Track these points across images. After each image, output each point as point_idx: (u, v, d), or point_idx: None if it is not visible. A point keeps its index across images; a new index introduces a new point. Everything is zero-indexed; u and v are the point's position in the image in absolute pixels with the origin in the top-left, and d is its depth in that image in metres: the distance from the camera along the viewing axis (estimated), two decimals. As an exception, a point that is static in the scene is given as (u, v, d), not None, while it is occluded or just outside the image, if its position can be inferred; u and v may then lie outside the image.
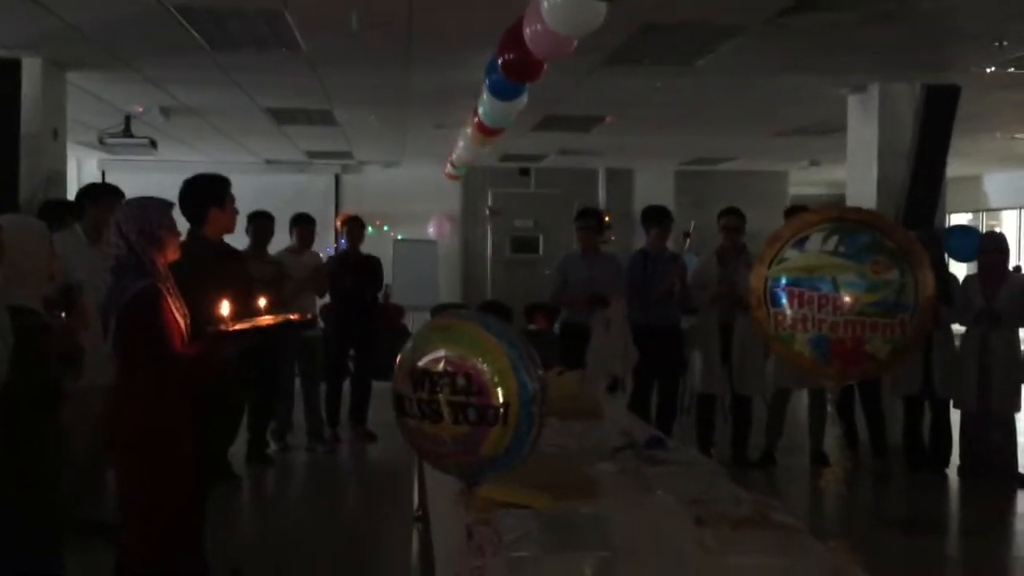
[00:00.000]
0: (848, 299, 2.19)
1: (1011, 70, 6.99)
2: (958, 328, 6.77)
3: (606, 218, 8.63)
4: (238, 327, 3.49)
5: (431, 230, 14.15)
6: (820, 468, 6.63)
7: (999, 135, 10.44)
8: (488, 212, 14.52)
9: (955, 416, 6.88)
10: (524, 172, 14.39)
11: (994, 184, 15.03)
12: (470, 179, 13.80)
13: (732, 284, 6.60)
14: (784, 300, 2.29)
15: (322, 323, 7.27)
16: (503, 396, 1.96)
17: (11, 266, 2.76)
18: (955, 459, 6.86)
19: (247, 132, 10.81)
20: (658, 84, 7.70)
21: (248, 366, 5.09)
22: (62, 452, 3.15)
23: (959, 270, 8.08)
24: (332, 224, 12.44)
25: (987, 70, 7.01)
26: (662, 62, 6.92)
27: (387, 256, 11.15)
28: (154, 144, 9.35)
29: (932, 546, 5.44)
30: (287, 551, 5.16)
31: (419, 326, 2.35)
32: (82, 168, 12.97)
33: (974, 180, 14.98)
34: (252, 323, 3.56)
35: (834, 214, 2.31)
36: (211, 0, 5.48)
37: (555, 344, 6.97)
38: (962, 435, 6.80)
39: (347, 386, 7.82)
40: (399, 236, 13.83)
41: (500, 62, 5.10)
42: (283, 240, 7.32)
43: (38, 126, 6.92)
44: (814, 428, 6.91)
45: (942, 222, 8.04)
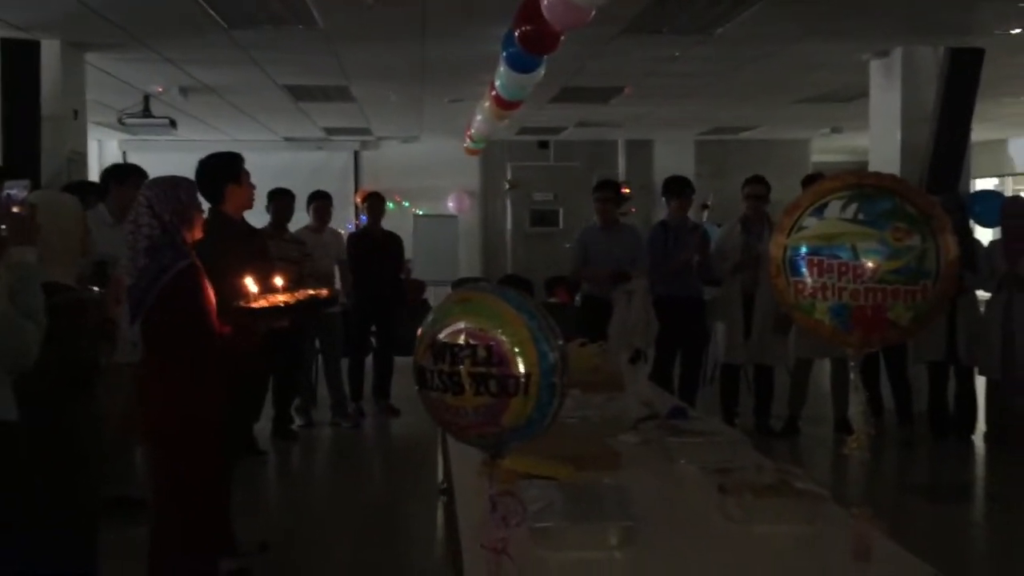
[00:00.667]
0: (869, 266, 2.17)
1: (1036, 32, 6.89)
2: (983, 294, 6.71)
3: (625, 189, 8.58)
4: (266, 304, 3.52)
5: (450, 205, 14.14)
6: (844, 436, 6.67)
7: (1024, 98, 10.30)
8: (507, 186, 14.49)
9: (980, 382, 6.84)
10: (543, 145, 14.33)
11: (1019, 148, 14.83)
12: (489, 153, 13.76)
13: (756, 254, 6.57)
14: (804, 269, 2.27)
15: (343, 299, 7.28)
16: (524, 367, 1.97)
17: (45, 244, 2.78)
18: (980, 426, 6.83)
19: (265, 110, 10.83)
20: (676, 53, 7.63)
21: (273, 343, 5.12)
22: (98, 431, 3.19)
23: (983, 235, 7.99)
24: (352, 201, 12.47)
25: (1012, 32, 6.89)
26: (681, 31, 6.85)
27: (407, 231, 11.16)
28: (173, 124, 9.39)
29: (957, 513, 5.42)
30: (313, 525, 5.22)
31: (440, 301, 2.36)
32: (103, 149, 13.04)
33: (999, 144, 14.78)
34: (281, 300, 3.59)
35: (852, 180, 2.29)
36: (227, -22, 5.49)
37: (576, 317, 6.97)
38: (987, 401, 6.77)
39: (370, 362, 7.87)
40: (419, 211, 13.84)
41: (517, 34, 5.07)
42: (303, 217, 7.34)
43: (58, 107, 6.96)
44: (837, 397, 6.90)
45: (966, 187, 7.95)
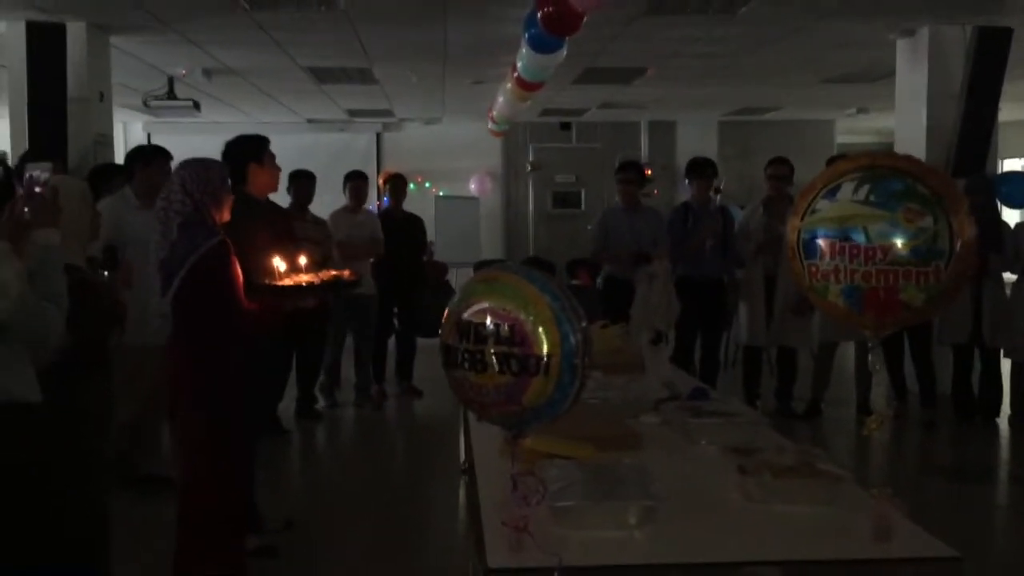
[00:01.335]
0: (880, 248, 2.17)
1: (1066, 10, 6.78)
2: (1009, 276, 6.65)
3: (647, 171, 8.55)
4: (290, 282, 3.56)
5: (472, 186, 14.14)
6: (865, 419, 6.64)
7: (1054, 78, 10.14)
8: (529, 167, 14.47)
9: (1006, 365, 6.79)
10: (565, 126, 14.29)
11: (1048, 129, 14.62)
12: (511, 135, 13.74)
13: (779, 235, 6.53)
14: (817, 251, 2.28)
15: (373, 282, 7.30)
16: (545, 347, 1.99)
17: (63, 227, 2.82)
18: (1005, 408, 6.79)
19: (288, 92, 10.86)
20: (700, 34, 7.57)
21: (297, 322, 5.17)
22: (110, 411, 3.23)
23: (1010, 217, 7.90)
24: (375, 182, 12.46)
25: (1041, 10, 6.79)
26: (704, 10, 6.80)
27: (429, 213, 11.17)
28: (197, 106, 9.44)
29: (981, 494, 5.41)
30: (337, 503, 5.28)
31: (462, 282, 2.38)
32: (128, 131, 13.14)
33: (1027, 125, 14.58)
34: (304, 279, 3.63)
35: (866, 162, 2.28)
36: (249, -41, 5.49)
37: (598, 299, 6.97)
38: (1012, 384, 6.73)
39: (392, 343, 7.91)
40: (441, 193, 13.85)
41: (539, 15, 5.06)
42: (325, 198, 7.34)
43: (84, 90, 7.01)
44: (860, 380, 6.87)
45: (993, 168, 7.86)
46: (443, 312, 2.21)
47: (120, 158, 7.42)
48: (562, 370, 2.00)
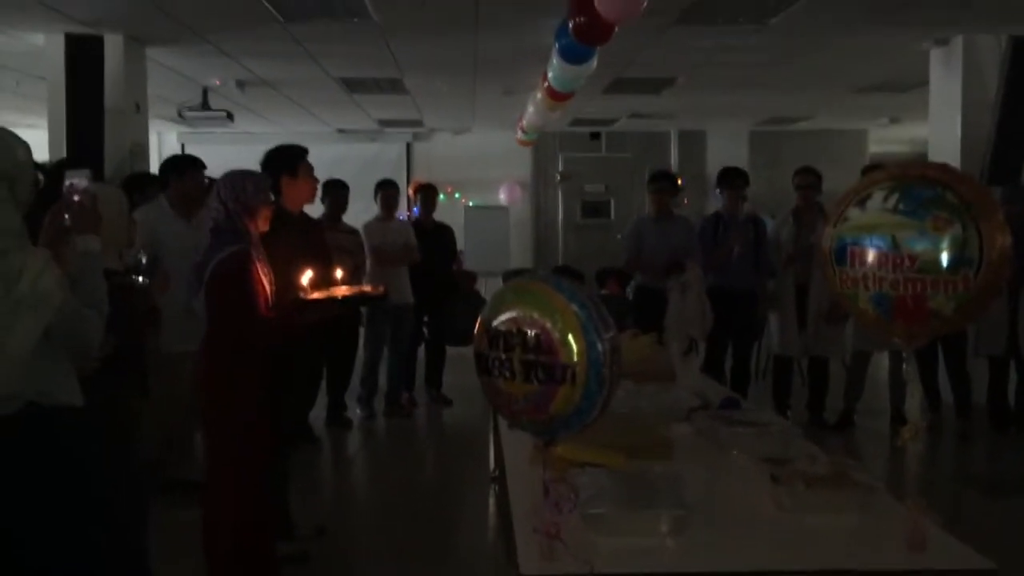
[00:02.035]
0: (908, 256, 2.17)
1: (1103, 18, 6.70)
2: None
3: (679, 180, 8.53)
4: (315, 296, 3.61)
5: (502, 196, 14.18)
6: (899, 429, 6.58)
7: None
8: (559, 177, 14.49)
9: (1042, 377, 6.71)
10: (595, 136, 14.30)
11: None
12: (540, 144, 13.77)
13: (809, 245, 6.50)
14: (847, 258, 2.30)
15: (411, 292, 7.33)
16: (571, 356, 1.99)
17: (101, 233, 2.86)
18: (1041, 421, 6.70)
19: (320, 102, 10.96)
20: (730, 44, 7.56)
21: (328, 332, 5.21)
22: (143, 418, 3.27)
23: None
24: (405, 192, 12.52)
25: (1078, 19, 6.72)
26: (735, 20, 6.79)
27: (459, 223, 11.21)
28: (231, 116, 9.55)
29: (1015, 507, 5.32)
30: (368, 510, 5.30)
31: (492, 292, 2.39)
32: (163, 141, 13.32)
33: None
34: (328, 293, 3.68)
35: (897, 172, 2.29)
36: (283, -28, 5.56)
37: (628, 308, 6.96)
38: (1049, 397, 6.64)
39: (422, 351, 7.94)
40: (471, 203, 13.90)
41: (571, 25, 5.07)
42: (356, 208, 7.38)
43: (121, 101, 7.13)
44: (894, 390, 6.80)
45: (1029, 178, 7.77)
46: (472, 321, 2.23)
47: (155, 168, 7.52)
48: (589, 379, 2.00)
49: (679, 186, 7.74)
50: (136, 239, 3.78)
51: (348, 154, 12.81)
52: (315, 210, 5.64)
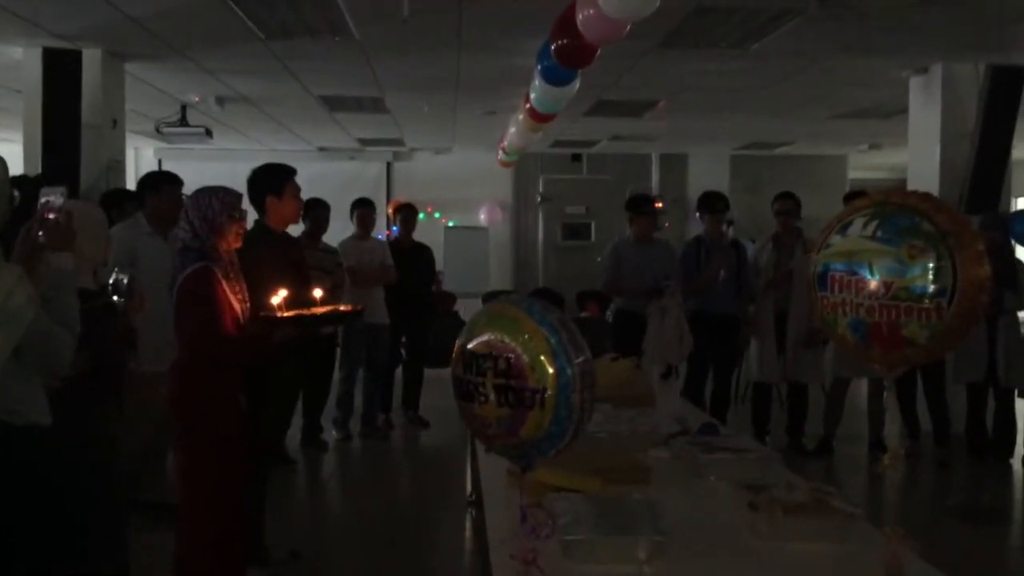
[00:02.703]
0: (883, 283, 2.19)
1: (1080, 49, 6.78)
2: (1024, 315, 6.61)
3: (658, 204, 8.54)
4: (287, 315, 3.56)
5: (482, 217, 14.17)
6: (878, 456, 6.57)
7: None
8: (539, 198, 14.50)
9: (1021, 405, 6.72)
10: (576, 158, 14.33)
11: (1061, 167, 14.59)
12: (521, 165, 13.78)
13: (788, 270, 6.51)
14: (827, 284, 2.33)
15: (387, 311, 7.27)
16: (540, 380, 1.97)
17: (76, 251, 2.82)
18: (1020, 449, 6.70)
19: (300, 120, 10.92)
20: (712, 68, 7.60)
21: (302, 353, 5.15)
22: (119, 435, 3.22)
23: (1024, 255, 7.87)
24: (384, 211, 12.49)
25: (1054, 49, 6.79)
26: (716, 45, 6.82)
27: (438, 243, 11.18)
28: (209, 133, 9.50)
29: (993, 535, 5.33)
30: (343, 534, 5.23)
31: (470, 313, 2.37)
32: (140, 157, 13.21)
33: (1040, 163, 14.56)
34: (300, 311, 3.64)
35: (879, 198, 2.32)
36: (265, -11, 5.54)
37: (607, 331, 6.94)
38: (1027, 424, 6.66)
39: (399, 373, 7.88)
40: (450, 223, 13.87)
41: (553, 48, 5.07)
42: (336, 227, 7.34)
43: (98, 116, 7.05)
44: (873, 417, 6.80)
45: (1007, 206, 7.84)
46: (450, 342, 2.21)
47: (131, 184, 7.46)
48: (558, 404, 1.98)
49: (657, 209, 7.74)
50: (110, 257, 3.73)
51: (328, 172, 12.76)
52: (295, 228, 5.61)
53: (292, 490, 6.19)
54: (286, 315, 3.56)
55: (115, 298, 3.47)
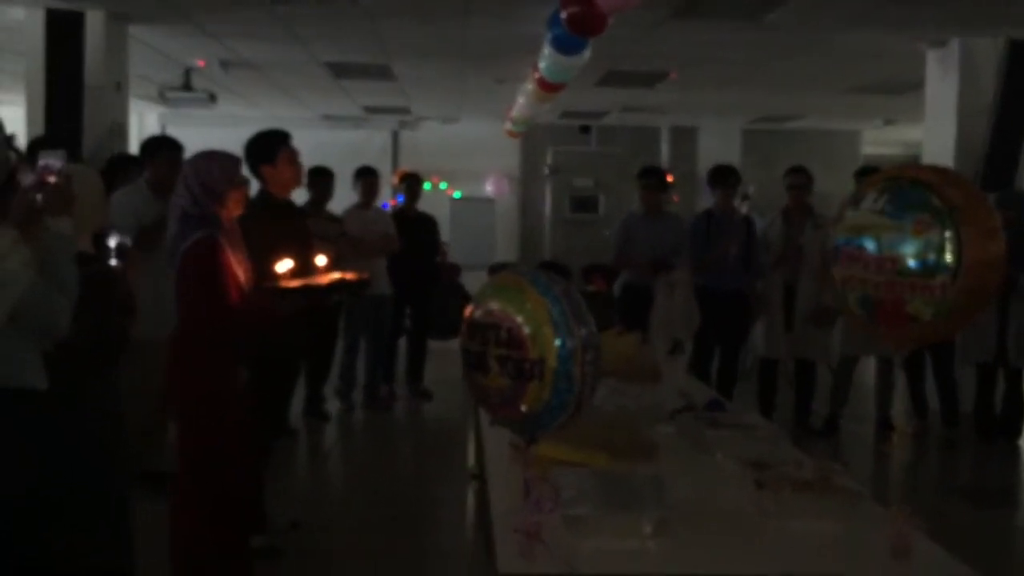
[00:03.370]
0: (889, 259, 2.12)
1: (1102, 23, 6.65)
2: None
3: (669, 177, 8.44)
4: (292, 285, 3.50)
5: (489, 188, 14.08)
6: (885, 435, 6.53)
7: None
8: (547, 170, 14.40)
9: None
10: (585, 130, 14.21)
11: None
12: (529, 137, 13.67)
13: (798, 246, 6.43)
14: (839, 259, 2.29)
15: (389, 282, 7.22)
16: (540, 351, 1.92)
17: (75, 216, 2.78)
18: (1029, 430, 6.66)
19: (305, 87, 10.83)
20: (725, 39, 7.48)
21: (306, 324, 5.10)
22: (126, 403, 3.18)
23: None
24: (389, 180, 12.44)
25: (1075, 23, 6.67)
26: (730, 15, 6.71)
27: (444, 214, 11.11)
28: (213, 98, 9.42)
29: (1000, 517, 5.29)
30: (344, 506, 5.21)
31: (476, 285, 2.33)
32: (143, 122, 13.13)
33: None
34: (306, 281, 3.58)
35: (894, 172, 2.25)
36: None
37: (614, 305, 6.87)
38: (1036, 405, 6.59)
39: (403, 344, 7.83)
40: (456, 194, 13.79)
41: (563, 15, 4.97)
42: (342, 195, 7.28)
43: (101, 79, 6.97)
44: (881, 396, 6.74)
45: (1023, 183, 7.72)
46: (455, 314, 2.18)
47: (135, 148, 7.39)
48: (557, 376, 1.94)
49: (668, 183, 7.64)
50: (108, 223, 3.67)
51: (333, 141, 12.66)
52: (299, 197, 5.54)
53: (293, 460, 6.18)
54: (293, 285, 3.50)
55: (114, 262, 3.41)
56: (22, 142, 6.05)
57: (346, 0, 6.46)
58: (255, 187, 4.02)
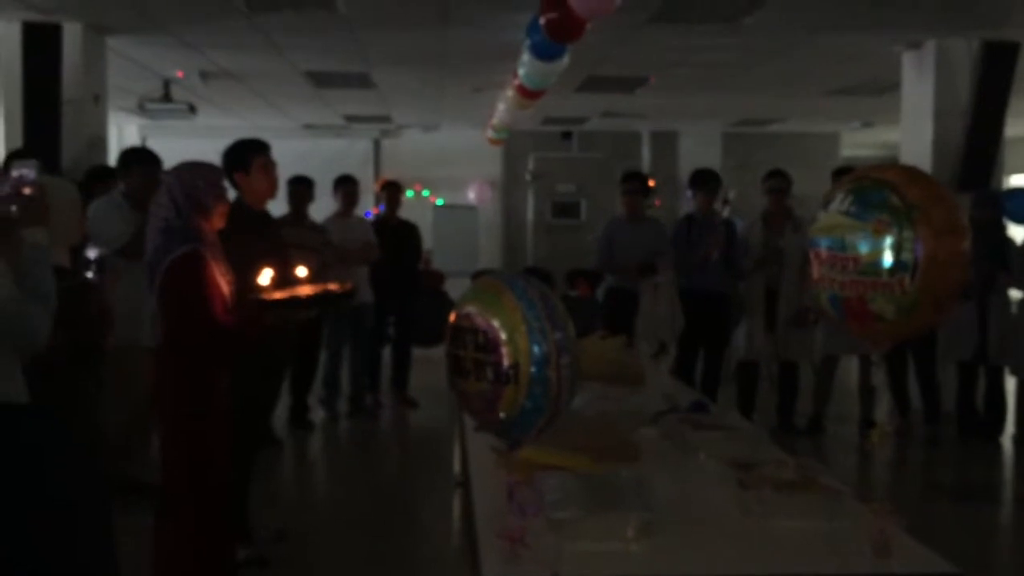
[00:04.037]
0: (853, 258, 2.16)
1: (1074, 24, 6.72)
2: (1016, 293, 6.57)
3: (651, 181, 8.47)
4: (276, 297, 3.47)
5: (471, 195, 14.08)
6: (868, 434, 6.56)
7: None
8: (529, 177, 14.41)
9: (1011, 384, 6.71)
10: (566, 135, 14.24)
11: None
12: (511, 143, 13.68)
13: (778, 248, 6.46)
14: (811, 259, 2.33)
15: (371, 290, 7.20)
16: (513, 356, 1.93)
17: (50, 227, 2.76)
18: (1009, 427, 6.70)
19: (285, 96, 10.80)
20: (703, 43, 7.52)
21: (291, 334, 5.08)
22: (98, 412, 3.17)
23: (1017, 233, 7.83)
24: (371, 189, 12.42)
25: (1048, 25, 6.74)
26: (708, 20, 6.74)
27: (427, 222, 11.10)
28: (193, 109, 9.38)
29: (983, 513, 5.32)
30: (330, 515, 5.19)
31: (460, 293, 2.33)
32: (123, 134, 13.05)
33: (1032, 141, 14.53)
34: (290, 293, 3.55)
35: (861, 172, 2.29)
36: (248, -40, 5.43)
37: (597, 310, 6.89)
38: (1017, 403, 6.64)
39: (387, 352, 7.82)
40: (439, 201, 13.78)
41: (542, 21, 4.99)
42: (320, 204, 7.25)
43: (79, 91, 6.93)
44: (864, 396, 6.78)
45: (999, 184, 7.80)
46: (438, 321, 2.18)
47: (113, 161, 7.35)
48: (531, 380, 1.94)
49: (650, 187, 7.67)
50: (84, 235, 3.65)
51: (315, 150, 12.64)
52: (280, 207, 5.53)
53: (279, 470, 6.15)
54: (277, 297, 3.47)
55: (90, 275, 3.40)
56: (-1, 156, 6.02)
57: (325, 9, 6.46)
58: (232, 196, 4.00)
